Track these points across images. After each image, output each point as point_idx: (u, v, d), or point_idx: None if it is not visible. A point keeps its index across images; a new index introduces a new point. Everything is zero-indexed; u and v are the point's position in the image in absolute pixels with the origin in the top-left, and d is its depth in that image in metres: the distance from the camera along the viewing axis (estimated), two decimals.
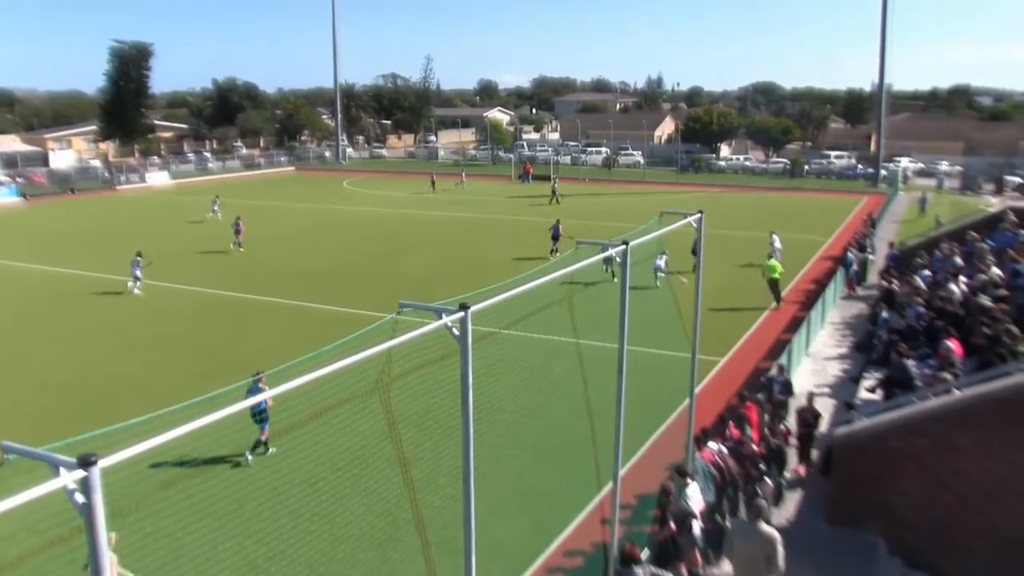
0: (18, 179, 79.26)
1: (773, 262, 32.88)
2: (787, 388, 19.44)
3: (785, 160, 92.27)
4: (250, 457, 17.53)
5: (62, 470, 4.23)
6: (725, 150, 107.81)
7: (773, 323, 29.75)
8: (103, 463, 4.29)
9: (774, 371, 20.05)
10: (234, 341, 27.69)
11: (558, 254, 40.08)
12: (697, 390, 16.31)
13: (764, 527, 11.64)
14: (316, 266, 40.42)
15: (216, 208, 57.62)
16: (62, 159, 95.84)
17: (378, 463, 16.97)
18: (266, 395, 6.20)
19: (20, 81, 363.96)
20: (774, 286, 32.50)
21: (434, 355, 8.69)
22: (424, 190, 73.93)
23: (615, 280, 35.08)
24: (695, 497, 13.25)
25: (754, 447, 15.39)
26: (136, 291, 34.88)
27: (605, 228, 47.92)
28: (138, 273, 35.27)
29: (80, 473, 4.22)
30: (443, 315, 7.54)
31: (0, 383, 23.74)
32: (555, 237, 41.62)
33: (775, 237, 38.70)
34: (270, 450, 18.00)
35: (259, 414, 16.69)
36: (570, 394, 18.78)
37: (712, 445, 14.90)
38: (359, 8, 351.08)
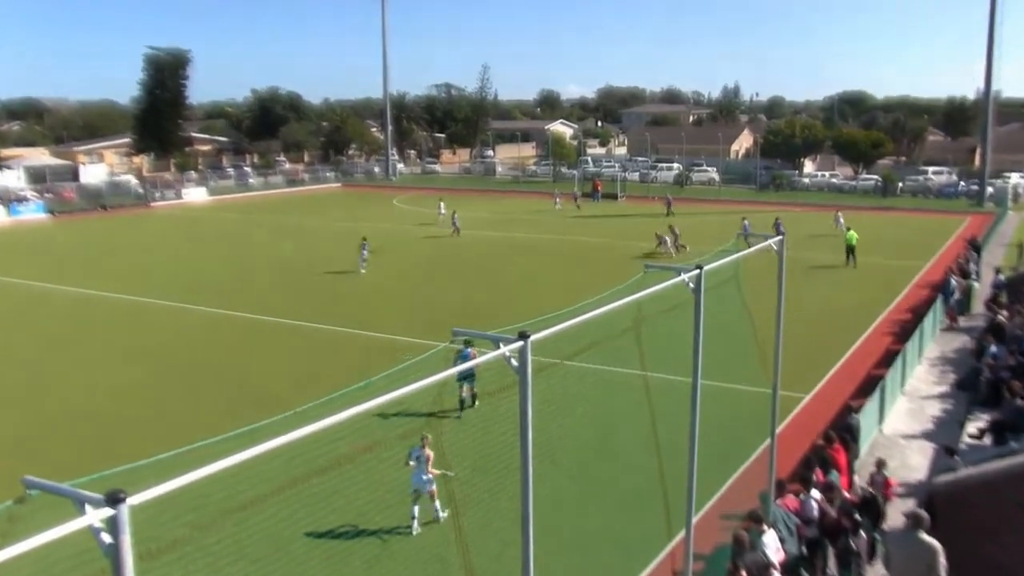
0: (46, 195, 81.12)
1: (852, 232, 46.05)
2: (852, 432, 18.99)
3: (876, 177, 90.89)
4: (472, 407, 22.25)
5: (88, 507, 4.22)
6: (809, 166, 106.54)
7: (863, 356, 29.20)
8: (132, 500, 4.27)
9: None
10: (271, 370, 27.93)
11: (686, 249, 47.95)
12: (778, 429, 16.03)
13: (925, 537, 11.61)
14: (363, 289, 40.72)
15: (443, 210, 64.29)
16: (93, 174, 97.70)
17: (429, 502, 16.94)
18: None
19: (49, 90, 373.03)
20: (851, 252, 45.31)
21: (491, 387, 8.63)
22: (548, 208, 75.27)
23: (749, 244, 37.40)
24: (772, 546, 12.97)
25: (846, 494, 15.04)
26: (362, 270, 44.27)
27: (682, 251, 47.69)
28: (365, 255, 44.75)
29: (107, 511, 4.20)
30: (501, 344, 7.47)
31: (23, 412, 24.24)
32: (675, 236, 49.96)
33: (840, 215, 56.37)
34: (476, 403, 22.35)
35: (469, 376, 20.37)
36: (638, 432, 18.59)
37: (816, 493, 14.62)
38: (411, 13, 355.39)
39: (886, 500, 16.45)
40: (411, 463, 16.52)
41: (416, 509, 16.48)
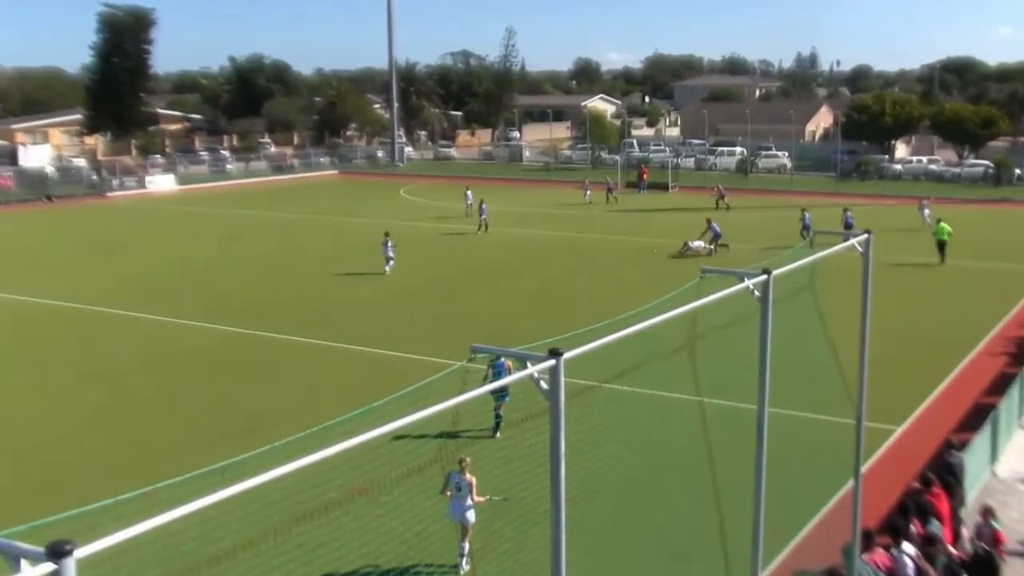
0: None
1: (944, 225, 47.89)
2: (954, 473, 18.76)
3: (987, 162, 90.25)
4: (498, 435, 22.74)
5: (24, 563, 4.19)
6: (902, 149, 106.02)
7: (969, 381, 28.96)
8: (80, 553, 4.25)
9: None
10: (253, 394, 28.06)
11: (728, 249, 49.98)
12: (864, 468, 15.90)
13: None
14: (362, 298, 40.81)
15: (470, 199, 66.62)
16: (35, 156, 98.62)
17: (441, 555, 16.92)
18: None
19: None
20: (942, 247, 47.22)
21: (515, 415, 8.62)
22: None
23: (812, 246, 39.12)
24: None
25: (952, 550, 14.86)
26: (388, 271, 45.83)
27: (740, 252, 47.56)
28: (390, 254, 46.20)
29: (48, 567, 4.16)
30: (528, 363, 7.44)
31: None
32: (716, 236, 50.81)
33: (926, 204, 59.88)
34: (498, 434, 22.91)
35: (503, 393, 20.72)
36: (693, 470, 18.54)
37: (910, 547, 14.45)
38: None
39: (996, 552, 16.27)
40: (448, 492, 17.00)
41: (466, 545, 17.14)
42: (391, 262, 46.06)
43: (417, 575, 17.16)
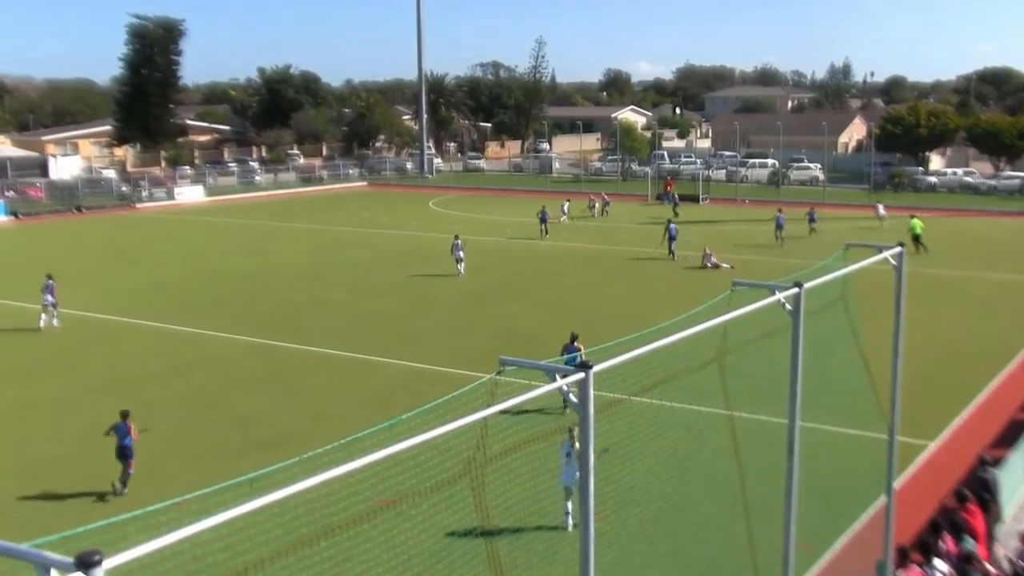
0: (8, 193, 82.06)
1: (916, 221, 52.85)
2: (989, 490, 18.58)
3: (1023, 174, 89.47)
4: (567, 411, 22.89)
5: (54, 573, 4.23)
6: (937, 161, 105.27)
7: (1004, 396, 28.71)
8: (108, 563, 4.27)
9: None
10: (277, 406, 28.13)
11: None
12: (897, 484, 15.78)
13: None
14: (389, 309, 40.84)
15: (565, 210, 68.74)
16: (65, 168, 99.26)
17: (468, 569, 16.88)
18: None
19: (13, 67, 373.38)
20: (918, 240, 50.94)
21: (541, 429, 8.60)
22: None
23: (783, 246, 41.31)
24: None
25: (988, 567, 14.72)
26: (460, 271, 48.00)
27: (767, 265, 47.37)
28: (461, 255, 48.21)
29: None
30: (558, 376, 7.44)
31: None
32: (671, 238, 52.99)
33: (880, 206, 66.22)
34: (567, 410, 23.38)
35: None
36: (723, 484, 18.48)
37: (943, 564, 14.35)
38: None
39: None
40: (563, 460, 19.17)
41: (569, 505, 19.26)
42: (462, 263, 48.17)
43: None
